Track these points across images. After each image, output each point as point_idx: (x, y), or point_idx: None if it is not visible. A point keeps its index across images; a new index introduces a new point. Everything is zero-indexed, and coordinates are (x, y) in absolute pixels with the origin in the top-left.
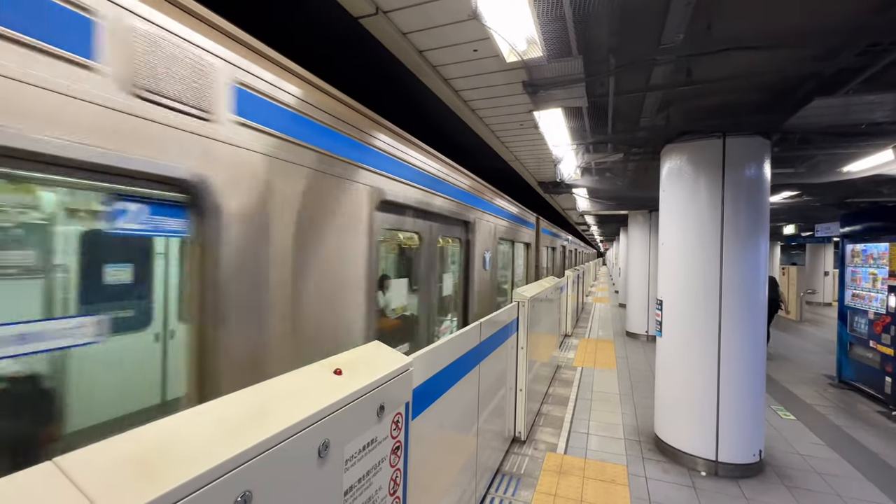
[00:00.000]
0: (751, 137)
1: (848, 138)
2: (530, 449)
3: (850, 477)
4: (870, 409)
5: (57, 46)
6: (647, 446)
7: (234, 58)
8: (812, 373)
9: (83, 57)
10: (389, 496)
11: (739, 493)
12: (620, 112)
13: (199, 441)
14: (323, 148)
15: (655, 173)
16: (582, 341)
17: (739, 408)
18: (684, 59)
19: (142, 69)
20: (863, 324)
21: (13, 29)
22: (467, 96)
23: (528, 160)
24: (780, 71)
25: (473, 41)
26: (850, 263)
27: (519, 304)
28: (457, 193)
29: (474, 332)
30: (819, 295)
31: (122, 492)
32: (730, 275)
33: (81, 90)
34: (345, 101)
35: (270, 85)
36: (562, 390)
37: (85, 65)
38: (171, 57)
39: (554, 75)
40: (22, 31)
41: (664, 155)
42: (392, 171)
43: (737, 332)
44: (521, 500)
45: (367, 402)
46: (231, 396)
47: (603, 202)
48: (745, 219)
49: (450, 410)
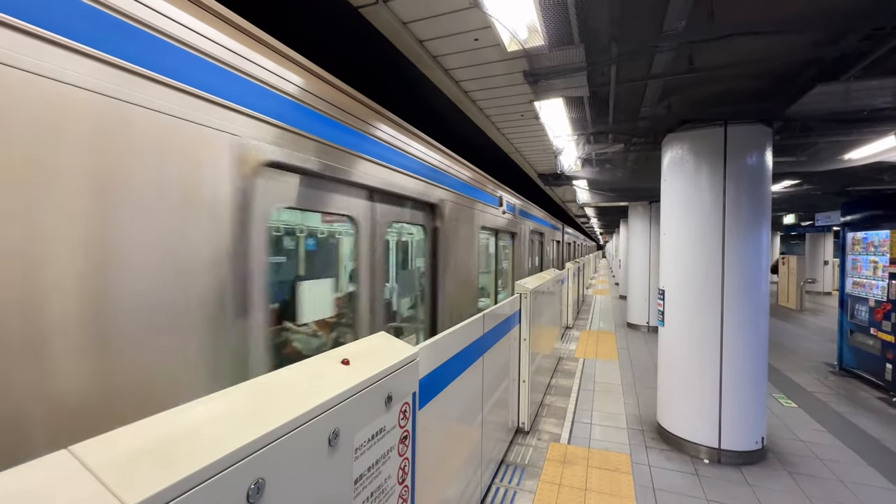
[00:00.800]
0: (752, 125)
1: (849, 125)
2: (534, 439)
3: (851, 462)
4: (870, 396)
5: None
6: (650, 435)
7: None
8: (812, 361)
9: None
10: (398, 485)
11: (742, 480)
12: (621, 101)
13: (213, 429)
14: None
15: (656, 163)
16: (583, 333)
17: (742, 395)
18: (686, 46)
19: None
20: (863, 311)
21: None
22: (468, 87)
23: (529, 152)
24: (783, 57)
25: (474, 30)
26: (851, 252)
27: (521, 295)
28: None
29: (478, 324)
30: (819, 284)
31: (138, 479)
32: (732, 263)
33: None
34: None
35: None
36: (564, 381)
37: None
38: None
39: (555, 64)
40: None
41: (665, 144)
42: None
43: (739, 321)
44: (526, 489)
45: (376, 392)
46: (242, 386)
47: (603, 193)
48: (747, 207)
49: (455, 401)
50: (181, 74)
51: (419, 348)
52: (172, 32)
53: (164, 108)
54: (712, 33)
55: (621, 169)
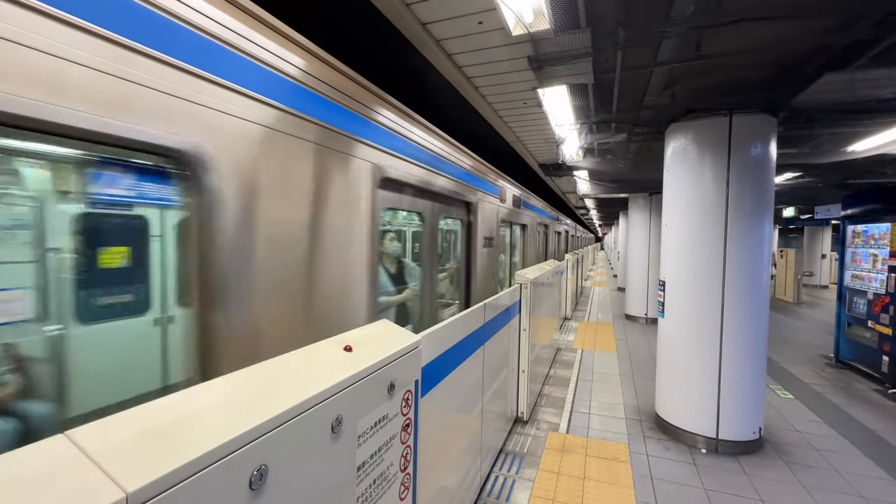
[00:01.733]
0: (757, 115)
1: (855, 116)
2: (533, 429)
3: (847, 453)
4: (867, 388)
5: None
6: (648, 425)
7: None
8: (809, 353)
9: None
10: (400, 472)
11: (739, 469)
12: (626, 90)
13: (214, 415)
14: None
15: (658, 154)
16: (581, 324)
17: (741, 386)
18: (694, 32)
19: None
20: (862, 304)
21: None
22: (470, 73)
23: (530, 141)
24: (791, 45)
25: (479, 12)
26: (851, 244)
27: (521, 286)
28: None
29: (479, 314)
30: (816, 277)
31: (137, 465)
32: (734, 255)
33: None
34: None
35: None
36: (563, 372)
37: None
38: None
39: (560, 49)
40: None
41: (669, 134)
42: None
43: (740, 312)
44: (525, 477)
45: (378, 379)
46: (243, 371)
47: (604, 185)
48: (751, 198)
49: (456, 390)
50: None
51: (421, 336)
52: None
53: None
54: (721, 18)
55: (623, 159)
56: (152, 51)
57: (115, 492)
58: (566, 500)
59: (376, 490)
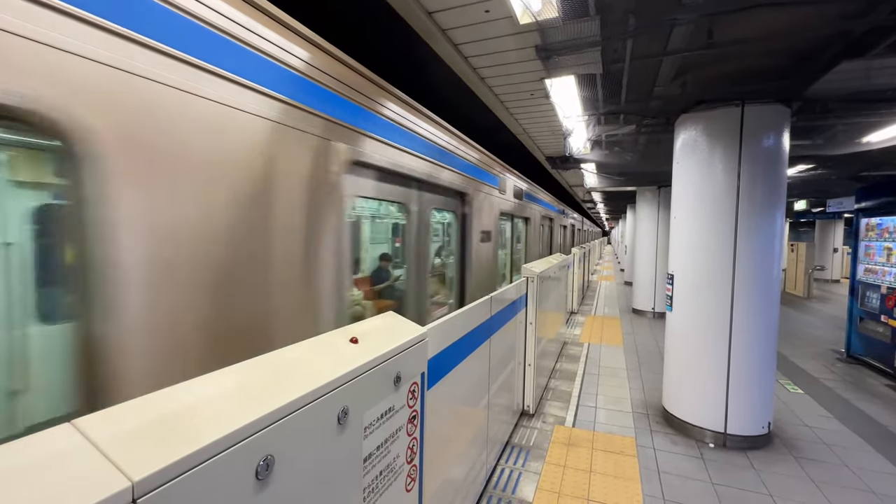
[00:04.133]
0: (770, 105)
1: (871, 105)
2: (539, 422)
3: (858, 448)
4: (878, 383)
5: None
6: (655, 419)
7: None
8: (820, 348)
9: None
10: (407, 464)
11: (748, 464)
12: (635, 80)
13: (220, 405)
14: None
15: (667, 146)
16: (588, 318)
17: (750, 380)
18: (706, 20)
19: None
20: (874, 298)
21: None
22: (477, 63)
23: (537, 133)
24: (806, 32)
25: (485, 0)
26: (865, 238)
27: (528, 279)
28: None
29: (485, 307)
30: (827, 272)
31: (144, 454)
32: (744, 249)
33: None
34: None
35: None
36: (569, 366)
37: None
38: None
39: (568, 38)
40: None
41: (678, 125)
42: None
43: (750, 306)
44: (531, 470)
45: (385, 371)
46: (250, 362)
47: (611, 178)
48: (762, 191)
49: (463, 382)
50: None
51: (428, 328)
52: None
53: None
54: (735, 4)
55: (631, 152)
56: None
57: (121, 480)
58: (572, 492)
59: (383, 481)
